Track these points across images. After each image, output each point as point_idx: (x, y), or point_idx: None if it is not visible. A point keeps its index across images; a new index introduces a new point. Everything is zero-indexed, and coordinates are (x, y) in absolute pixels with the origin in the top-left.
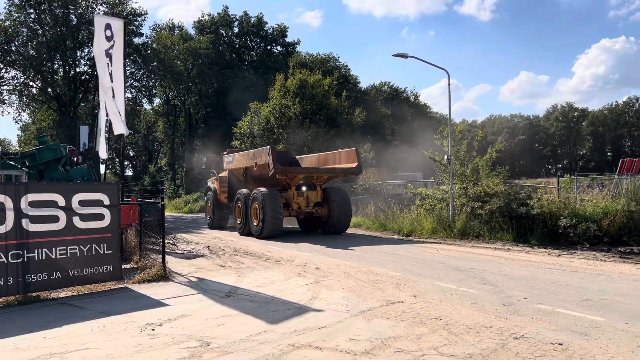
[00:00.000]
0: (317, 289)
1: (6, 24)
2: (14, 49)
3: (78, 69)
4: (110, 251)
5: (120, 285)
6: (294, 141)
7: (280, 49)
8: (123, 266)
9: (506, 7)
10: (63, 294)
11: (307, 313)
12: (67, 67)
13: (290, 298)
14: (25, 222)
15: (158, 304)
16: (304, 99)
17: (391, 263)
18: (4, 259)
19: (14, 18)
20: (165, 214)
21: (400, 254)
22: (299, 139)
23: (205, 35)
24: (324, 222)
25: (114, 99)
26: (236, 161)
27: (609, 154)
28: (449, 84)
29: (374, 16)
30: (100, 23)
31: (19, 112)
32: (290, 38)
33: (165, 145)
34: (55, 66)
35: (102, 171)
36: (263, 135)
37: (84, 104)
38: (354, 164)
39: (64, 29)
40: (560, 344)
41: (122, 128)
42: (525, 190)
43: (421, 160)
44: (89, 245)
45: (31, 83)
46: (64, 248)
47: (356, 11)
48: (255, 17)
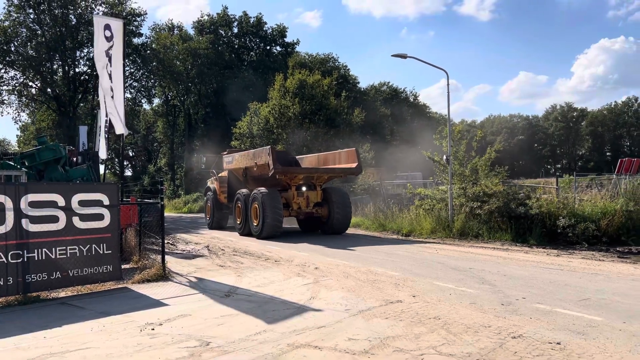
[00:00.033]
0: (317, 288)
1: (5, 24)
2: (13, 49)
3: (77, 69)
4: (110, 251)
5: (119, 285)
6: (293, 141)
7: (280, 49)
8: (123, 266)
9: (505, 7)
10: (63, 294)
11: (306, 313)
12: (67, 68)
13: (290, 298)
14: (25, 223)
15: (158, 303)
16: (303, 99)
17: (390, 263)
18: (4, 259)
19: (14, 18)
20: (165, 214)
21: (399, 253)
22: (298, 139)
23: (205, 36)
24: (324, 223)
25: (113, 99)
26: (236, 161)
27: (608, 154)
28: (447, 84)
29: (374, 16)
30: (100, 23)
31: (18, 113)
32: (290, 38)
33: (165, 146)
34: (55, 66)
35: (102, 171)
36: (262, 135)
37: (83, 104)
38: (354, 164)
39: (63, 29)
40: (558, 344)
41: (122, 128)
42: (524, 190)
43: (420, 160)
44: (88, 246)
45: (30, 83)
46: (64, 248)
47: (355, 11)
48: (254, 18)
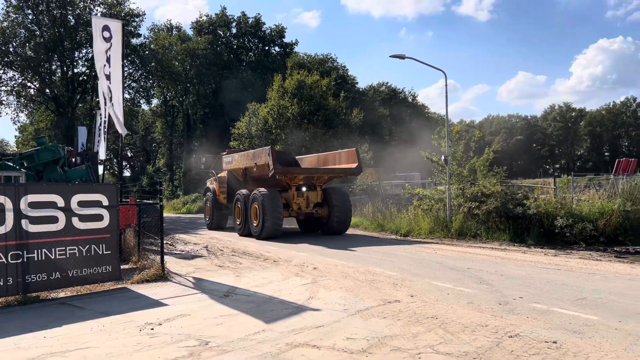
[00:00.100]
0: (315, 288)
1: (4, 25)
2: (11, 50)
3: (76, 70)
4: (109, 252)
5: (119, 286)
6: (292, 142)
7: (278, 50)
8: (122, 266)
9: (504, 8)
10: (62, 294)
11: (305, 312)
12: (65, 68)
13: (288, 298)
14: (24, 223)
15: (157, 303)
16: (302, 100)
17: (388, 263)
18: (4, 260)
19: (12, 19)
20: (164, 214)
21: (397, 254)
22: (297, 139)
23: (203, 36)
24: (324, 223)
25: (112, 100)
26: (235, 161)
27: (606, 154)
28: (445, 84)
29: (372, 16)
30: (98, 25)
31: (16, 113)
32: (288, 38)
33: (163, 146)
34: (53, 67)
35: (101, 172)
36: (261, 135)
37: (81, 105)
38: (354, 164)
39: (62, 30)
40: (555, 342)
41: (121, 129)
42: (522, 191)
43: (419, 160)
44: (88, 246)
45: (29, 84)
46: (63, 248)
47: (354, 11)
48: (253, 18)
